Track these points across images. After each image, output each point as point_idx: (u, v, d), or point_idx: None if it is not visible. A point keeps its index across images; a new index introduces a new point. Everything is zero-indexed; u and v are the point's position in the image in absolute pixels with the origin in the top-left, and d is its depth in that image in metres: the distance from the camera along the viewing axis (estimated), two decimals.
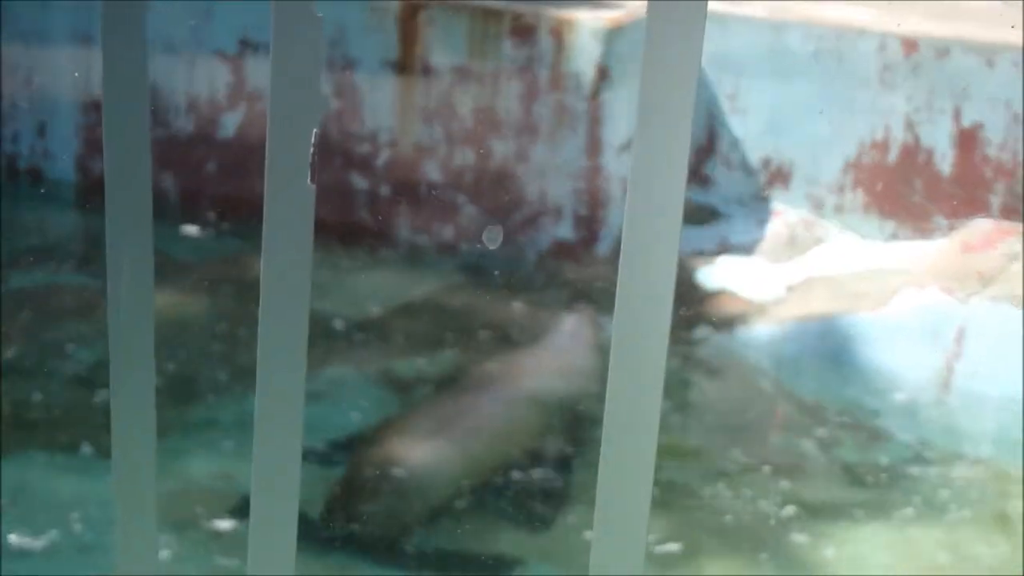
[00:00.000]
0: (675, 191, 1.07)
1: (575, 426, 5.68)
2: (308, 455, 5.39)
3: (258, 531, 1.17)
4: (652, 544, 4.87)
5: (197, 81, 8.18)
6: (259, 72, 8.02)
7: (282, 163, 1.14)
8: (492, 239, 6.77)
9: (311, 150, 1.15)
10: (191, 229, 7.76)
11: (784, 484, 5.35)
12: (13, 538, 4.66)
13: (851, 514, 5.18)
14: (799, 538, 4.96)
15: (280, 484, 1.17)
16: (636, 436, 1.14)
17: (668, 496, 5.25)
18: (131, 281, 1.13)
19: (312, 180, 1.16)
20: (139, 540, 1.21)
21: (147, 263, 1.14)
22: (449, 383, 5.79)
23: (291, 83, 1.14)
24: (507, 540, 4.91)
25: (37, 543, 4.59)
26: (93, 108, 8.37)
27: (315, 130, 1.16)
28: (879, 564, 4.88)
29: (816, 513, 5.16)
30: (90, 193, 8.38)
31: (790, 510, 5.14)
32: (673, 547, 4.86)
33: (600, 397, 5.63)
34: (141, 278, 1.11)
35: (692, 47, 1.06)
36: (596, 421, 5.81)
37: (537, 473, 5.30)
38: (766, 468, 5.50)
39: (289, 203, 1.14)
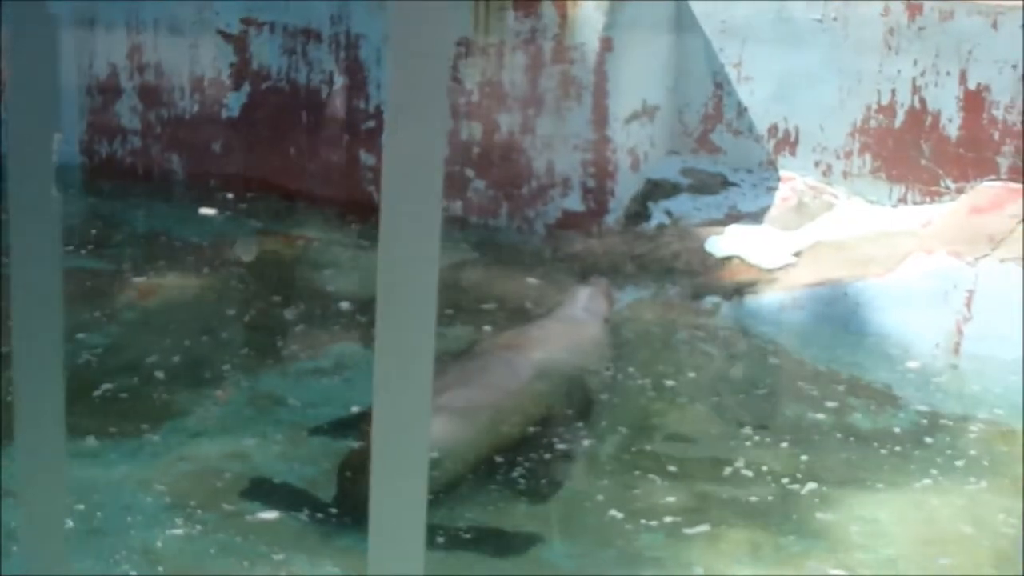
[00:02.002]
0: (432, 194, 1.05)
1: (585, 397, 5.67)
2: (317, 431, 5.39)
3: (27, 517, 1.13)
4: (682, 525, 4.85)
5: (201, 61, 8.16)
6: (263, 51, 8.00)
7: (24, 171, 1.06)
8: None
9: (53, 157, 1.08)
10: (205, 210, 7.76)
11: (802, 457, 5.32)
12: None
13: (872, 487, 5.14)
14: (823, 515, 4.93)
15: (45, 477, 1.11)
16: (408, 434, 1.10)
17: (688, 472, 5.22)
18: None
19: (56, 189, 1.09)
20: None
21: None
22: (459, 357, 5.77)
23: (29, 88, 1.06)
24: (521, 514, 4.90)
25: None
26: (98, 91, 8.37)
27: (57, 136, 1.09)
28: (903, 536, 4.86)
29: (836, 487, 5.12)
30: (97, 176, 8.38)
31: (811, 486, 5.11)
32: (703, 528, 4.85)
33: (612, 368, 5.59)
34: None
35: (439, 46, 1.03)
36: (606, 391, 5.80)
37: (549, 445, 5.29)
38: (782, 440, 5.47)
39: (34, 211, 1.06)
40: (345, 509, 4.77)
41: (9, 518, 4.50)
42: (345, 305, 6.56)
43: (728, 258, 7.00)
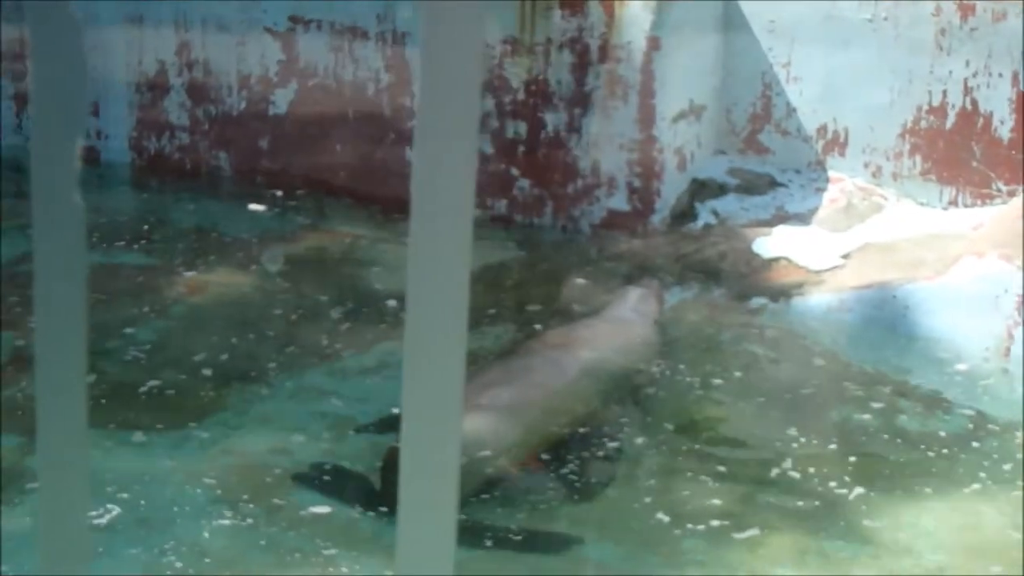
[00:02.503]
0: (464, 200, 1.02)
1: (632, 397, 5.64)
2: (364, 428, 5.39)
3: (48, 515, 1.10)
4: (727, 529, 4.81)
5: (249, 59, 8.18)
6: (310, 48, 8.02)
7: (47, 180, 1.02)
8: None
9: (77, 164, 1.04)
10: (255, 207, 7.78)
11: (849, 459, 5.27)
12: None
13: (920, 492, 5.09)
14: (869, 520, 4.89)
15: (68, 470, 1.08)
16: (438, 440, 1.06)
17: (734, 474, 5.18)
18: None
19: (79, 197, 1.05)
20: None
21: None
22: (504, 356, 5.76)
23: (53, 96, 1.01)
24: (562, 513, 4.88)
25: (99, 520, 4.61)
26: (146, 88, 8.40)
27: (80, 143, 1.05)
28: (950, 542, 4.81)
29: (883, 491, 5.07)
30: (146, 173, 8.41)
31: (858, 490, 5.06)
32: (749, 532, 4.81)
33: (660, 368, 5.55)
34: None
35: (469, 50, 1.00)
36: (653, 391, 5.78)
37: (595, 444, 5.27)
38: (829, 442, 5.43)
39: (58, 221, 1.02)
40: (389, 505, 4.78)
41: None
42: (391, 303, 6.56)
43: (775, 259, 6.96)
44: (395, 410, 5.48)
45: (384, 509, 4.79)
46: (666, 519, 4.84)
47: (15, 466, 4.95)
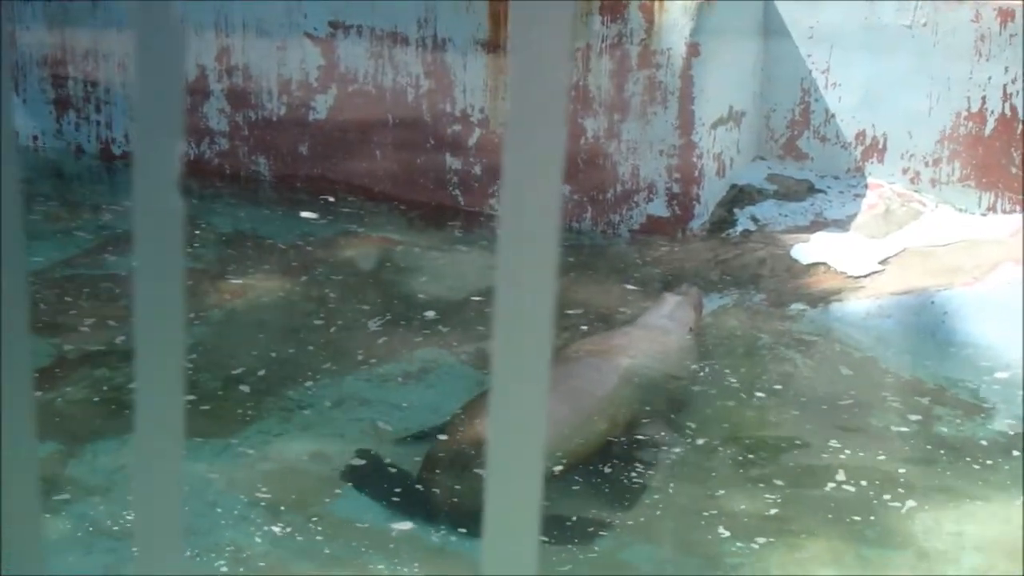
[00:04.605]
0: (552, 189, 1.03)
1: (667, 405, 5.65)
2: (404, 435, 5.42)
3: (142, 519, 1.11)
4: (765, 533, 4.82)
5: (289, 64, 8.22)
6: (350, 54, 8.05)
7: (149, 181, 1.03)
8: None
9: (177, 167, 1.04)
10: (306, 214, 7.81)
11: (886, 467, 5.27)
12: (110, 523, 4.71)
13: (959, 499, 5.08)
14: (908, 526, 4.89)
15: (162, 476, 1.09)
16: (524, 439, 1.07)
17: (772, 479, 5.18)
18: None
19: (180, 199, 1.06)
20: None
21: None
22: None
23: (155, 98, 1.01)
24: (595, 517, 4.90)
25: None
26: (187, 92, 8.45)
27: (180, 145, 1.05)
28: (990, 550, 4.81)
29: (921, 498, 5.07)
30: (185, 178, 8.45)
31: (906, 499, 5.06)
32: (785, 536, 4.81)
33: (695, 374, 5.55)
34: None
35: (560, 48, 1.01)
36: (689, 398, 5.79)
37: (632, 451, 5.28)
38: (866, 449, 5.42)
39: (158, 224, 1.03)
40: (424, 497, 4.86)
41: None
42: (429, 312, 6.57)
43: (814, 265, 6.96)
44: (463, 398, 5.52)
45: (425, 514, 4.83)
46: (706, 524, 4.85)
47: (52, 474, 4.98)
